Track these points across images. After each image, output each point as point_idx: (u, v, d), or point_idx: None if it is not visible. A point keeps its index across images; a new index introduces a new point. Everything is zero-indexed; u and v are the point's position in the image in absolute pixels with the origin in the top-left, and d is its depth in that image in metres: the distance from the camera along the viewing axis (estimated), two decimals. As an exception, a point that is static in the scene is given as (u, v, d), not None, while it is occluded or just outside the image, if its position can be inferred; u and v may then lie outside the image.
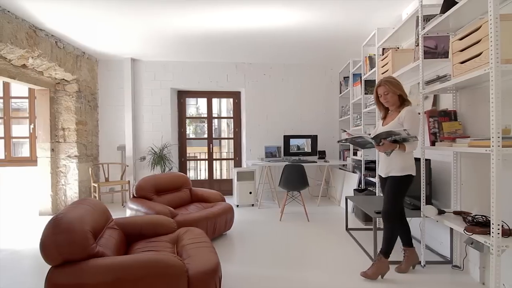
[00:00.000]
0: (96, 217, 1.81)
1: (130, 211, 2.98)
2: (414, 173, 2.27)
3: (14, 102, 5.24)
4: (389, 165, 2.30)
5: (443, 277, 2.31)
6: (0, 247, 3.04)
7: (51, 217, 4.08)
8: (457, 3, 2.03)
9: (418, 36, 2.48)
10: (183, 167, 5.57)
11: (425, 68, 2.54)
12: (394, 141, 2.19)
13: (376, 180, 3.54)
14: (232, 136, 5.80)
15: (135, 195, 3.15)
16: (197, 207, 3.32)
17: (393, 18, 3.60)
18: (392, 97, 2.31)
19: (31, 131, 4.89)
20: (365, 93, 4.00)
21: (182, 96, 5.56)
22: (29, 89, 4.94)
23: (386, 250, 2.32)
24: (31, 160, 4.89)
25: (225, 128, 10.38)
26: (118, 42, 4.21)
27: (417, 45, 2.52)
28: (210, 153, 5.70)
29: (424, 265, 2.47)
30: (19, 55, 3.53)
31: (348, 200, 3.49)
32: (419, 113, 2.47)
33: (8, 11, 3.25)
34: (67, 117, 4.43)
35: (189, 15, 3.36)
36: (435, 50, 2.49)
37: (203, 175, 6.20)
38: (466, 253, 2.35)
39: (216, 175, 6.06)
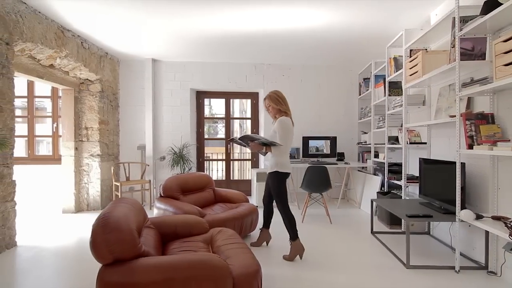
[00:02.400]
0: (136, 216, 1.83)
1: (158, 210, 2.99)
2: (284, 170, 2.72)
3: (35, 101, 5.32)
4: (269, 163, 2.80)
5: (480, 283, 2.26)
6: (30, 245, 3.09)
7: (74, 215, 4.20)
8: (500, 4, 1.99)
9: (454, 38, 2.44)
10: (201, 168, 5.60)
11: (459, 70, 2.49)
12: (263, 143, 2.71)
13: (402, 183, 3.50)
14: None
15: (162, 194, 3.17)
16: (222, 208, 3.33)
17: (421, 19, 3.56)
18: (273, 109, 2.82)
19: (54, 130, 4.98)
20: (389, 95, 3.95)
21: (200, 96, 5.58)
22: (52, 88, 5.02)
23: (293, 235, 2.69)
24: (53, 159, 4.97)
25: (238, 128, 10.42)
26: (141, 42, 4.25)
27: (453, 47, 2.48)
28: (227, 153, 5.71)
29: (459, 271, 2.42)
30: (48, 55, 3.59)
31: (369, 203, 3.44)
32: (455, 116, 2.43)
33: (39, 12, 3.32)
34: (90, 116, 4.49)
35: (213, 15, 3.37)
36: (471, 51, 2.44)
37: (219, 175, 6.20)
38: (505, 259, 2.30)
39: (234, 176, 6.06)
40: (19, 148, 4.45)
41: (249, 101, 5.80)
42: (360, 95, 5.37)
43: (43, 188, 4.93)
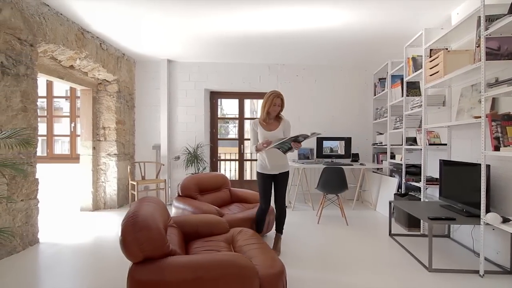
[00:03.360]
0: (162, 216, 1.85)
1: (176, 209, 3.02)
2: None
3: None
4: (283, 163, 2.84)
5: (507, 287, 2.21)
6: (52, 242, 3.16)
7: (92, 213, 4.27)
8: (531, 2, 1.95)
9: (479, 37, 2.39)
10: (214, 168, 5.62)
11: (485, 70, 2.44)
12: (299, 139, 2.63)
13: (421, 184, 3.44)
14: (263, 137, 5.79)
15: (180, 194, 3.20)
16: (239, 208, 3.33)
17: (440, 19, 3.50)
18: (279, 110, 2.87)
19: (72, 130, 5.07)
20: (407, 95, 3.89)
21: (214, 97, 5.61)
22: (70, 89, 5.12)
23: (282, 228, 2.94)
24: (71, 158, 5.07)
25: (248, 128, 10.44)
26: (157, 43, 4.30)
27: (478, 46, 2.43)
28: (241, 153, 5.73)
29: (483, 275, 2.37)
30: (68, 56, 3.67)
31: (386, 205, 3.40)
32: (480, 117, 2.38)
33: (61, 14, 3.39)
34: (108, 116, 4.56)
35: (231, 14, 3.36)
36: (497, 51, 2.39)
37: (232, 175, 6.22)
38: (533, 264, 2.24)
39: (246, 176, 6.07)
40: (38, 147, 4.55)
41: (260, 101, 5.80)
42: (375, 95, 5.31)
43: (61, 186, 5.03)
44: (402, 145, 4.25)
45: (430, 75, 3.20)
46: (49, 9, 3.20)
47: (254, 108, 11.92)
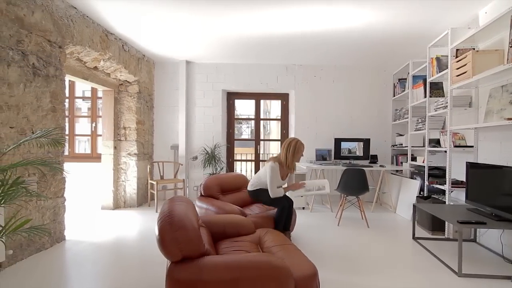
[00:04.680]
0: (194, 215, 1.86)
1: (199, 209, 3.04)
2: None
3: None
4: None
5: (542, 295, 2.14)
6: (77, 239, 3.23)
7: (112, 211, 4.34)
8: None
9: (513, 36, 2.33)
10: (231, 168, 5.64)
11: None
12: None
13: (445, 187, 3.37)
14: (280, 138, 5.79)
15: (202, 194, 3.22)
16: (260, 208, 3.33)
17: (465, 18, 3.43)
18: None
19: (93, 129, 5.17)
20: (430, 96, 3.82)
21: (231, 97, 5.63)
22: (92, 89, 5.23)
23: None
24: (92, 157, 5.17)
25: (261, 129, 10.46)
26: (176, 44, 4.33)
27: (511, 46, 2.37)
28: (257, 154, 5.73)
29: (516, 281, 2.30)
30: (93, 58, 3.74)
31: (406, 208, 3.34)
32: (511, 118, 2.32)
33: (87, 16, 3.46)
34: (129, 116, 4.64)
35: (252, 15, 3.36)
36: (532, 51, 2.32)
37: (247, 176, 6.23)
38: None
39: (262, 177, 6.06)
40: (62, 147, 4.66)
41: (273, 102, 5.79)
42: (394, 96, 5.24)
43: (82, 185, 5.13)
44: (424, 147, 4.18)
45: (457, 76, 3.13)
46: (76, 11, 3.27)
47: (267, 109, 11.93)
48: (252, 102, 5.74)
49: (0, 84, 2.40)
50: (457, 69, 3.12)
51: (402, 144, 4.82)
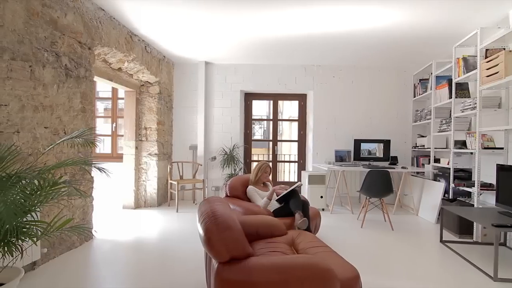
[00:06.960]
0: (234, 216, 1.86)
1: (226, 210, 3.04)
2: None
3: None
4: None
5: None
6: (105, 238, 3.27)
7: (134, 211, 4.39)
8: None
9: (553, 36, 2.27)
10: (248, 168, 5.65)
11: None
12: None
13: (473, 190, 3.31)
14: (297, 139, 5.77)
15: (228, 194, 3.23)
16: (284, 209, 3.32)
17: (494, 18, 3.37)
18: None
19: (113, 130, 5.24)
20: (456, 97, 3.76)
21: (248, 98, 5.64)
22: (113, 90, 5.30)
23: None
24: (112, 157, 5.23)
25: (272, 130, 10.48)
26: (196, 45, 4.34)
27: (551, 46, 2.31)
28: (274, 154, 5.73)
29: (556, 287, 2.25)
30: (118, 59, 3.79)
31: (430, 210, 3.29)
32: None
33: (114, 18, 3.51)
34: (149, 117, 4.68)
35: (274, 15, 3.34)
36: None
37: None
38: None
39: (279, 177, 6.06)
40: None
41: (286, 102, 5.79)
42: (414, 97, 5.17)
43: (103, 184, 5.19)
44: (448, 148, 4.12)
45: (487, 76, 3.08)
46: (104, 13, 3.32)
47: (281, 109, 11.90)
48: (265, 103, 5.74)
49: (36, 85, 2.45)
50: (487, 69, 3.07)
51: (424, 146, 4.75)
